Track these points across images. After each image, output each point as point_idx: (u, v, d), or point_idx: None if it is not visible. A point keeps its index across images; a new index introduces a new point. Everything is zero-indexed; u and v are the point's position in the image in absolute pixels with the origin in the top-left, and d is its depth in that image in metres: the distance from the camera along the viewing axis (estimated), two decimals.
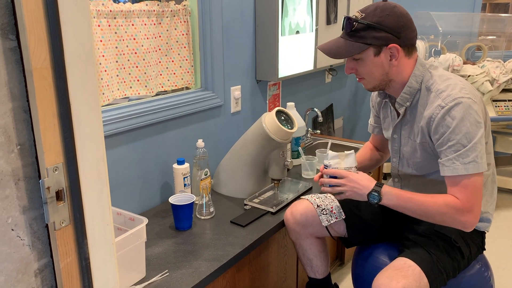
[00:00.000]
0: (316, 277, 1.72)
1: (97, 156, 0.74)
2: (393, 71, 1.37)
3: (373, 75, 1.38)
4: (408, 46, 1.35)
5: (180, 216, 1.63)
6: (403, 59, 1.36)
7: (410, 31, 1.34)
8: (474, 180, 1.27)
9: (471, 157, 1.25)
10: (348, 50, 1.35)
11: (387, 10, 1.31)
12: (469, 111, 1.26)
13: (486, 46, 3.16)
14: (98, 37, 1.57)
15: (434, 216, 1.31)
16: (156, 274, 1.37)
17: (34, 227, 0.69)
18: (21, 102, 0.65)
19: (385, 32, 1.31)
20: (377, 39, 1.31)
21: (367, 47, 1.33)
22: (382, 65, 1.35)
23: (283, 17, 2.20)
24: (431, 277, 1.31)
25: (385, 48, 1.32)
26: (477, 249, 1.47)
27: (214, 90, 2.04)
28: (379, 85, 1.41)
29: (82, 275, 0.75)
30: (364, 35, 1.32)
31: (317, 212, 1.62)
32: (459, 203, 1.27)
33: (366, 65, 1.36)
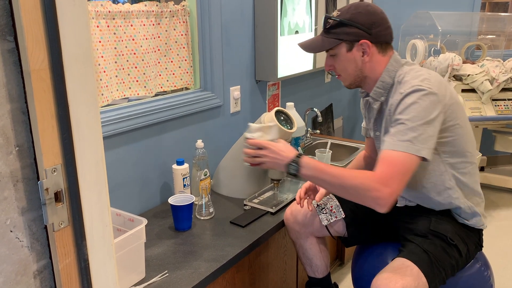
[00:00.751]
0: (316, 277, 1.72)
1: (96, 157, 0.73)
2: (366, 67, 1.40)
3: (348, 71, 1.42)
4: (381, 43, 1.38)
5: (179, 217, 1.63)
6: (376, 55, 1.39)
7: (383, 29, 1.37)
8: (402, 160, 1.22)
9: (408, 136, 1.22)
10: (322, 45, 1.41)
11: (360, 7, 1.36)
12: (423, 98, 1.25)
13: (485, 45, 3.16)
14: (97, 38, 1.57)
15: (348, 189, 1.25)
16: (156, 275, 1.37)
17: (33, 229, 0.69)
18: (20, 104, 0.65)
19: (356, 28, 1.35)
20: (348, 35, 1.37)
21: (339, 42, 1.38)
22: (355, 60, 1.39)
23: (282, 17, 2.20)
24: (429, 276, 1.31)
25: (357, 44, 1.37)
26: (475, 246, 1.47)
27: (214, 90, 2.04)
28: (354, 81, 1.44)
29: (81, 276, 0.75)
30: (337, 31, 1.38)
31: (317, 211, 1.62)
32: (376, 177, 1.21)
33: (340, 61, 1.41)
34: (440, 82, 1.31)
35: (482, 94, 2.81)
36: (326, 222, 1.61)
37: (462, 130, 1.36)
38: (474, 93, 2.85)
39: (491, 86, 2.78)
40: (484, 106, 2.81)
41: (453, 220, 1.45)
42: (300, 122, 2.26)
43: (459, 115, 1.35)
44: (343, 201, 1.64)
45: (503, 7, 4.27)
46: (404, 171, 1.22)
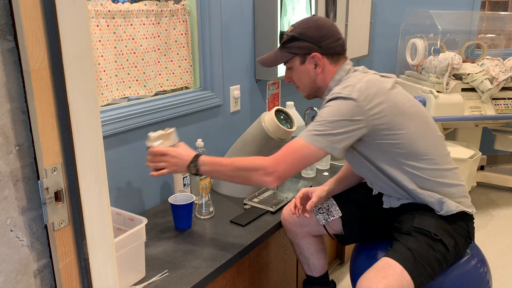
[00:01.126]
0: (313, 275, 1.73)
1: (96, 156, 0.74)
2: (319, 78, 1.48)
3: (303, 83, 1.51)
4: (332, 54, 1.46)
5: (179, 216, 1.63)
6: (328, 67, 1.46)
7: (332, 41, 1.45)
8: (299, 147, 1.32)
9: (311, 128, 1.32)
10: (277, 59, 1.51)
11: (310, 22, 1.45)
12: (338, 102, 1.33)
13: (485, 44, 3.16)
14: (97, 37, 1.56)
15: (240, 171, 1.37)
16: (156, 274, 1.37)
17: (33, 228, 0.69)
18: (19, 103, 0.65)
19: (307, 42, 1.44)
20: (300, 49, 1.46)
21: (292, 56, 1.48)
22: (308, 72, 1.47)
23: (282, 16, 2.20)
24: (414, 273, 1.31)
25: (308, 56, 1.45)
26: (464, 239, 1.45)
27: (213, 89, 2.04)
28: (310, 92, 1.53)
29: (82, 276, 0.76)
30: (290, 46, 1.47)
31: (314, 211, 1.62)
32: (267, 158, 1.34)
33: (296, 73, 1.50)
34: (366, 90, 1.33)
35: (482, 93, 2.81)
36: (323, 222, 1.61)
37: (407, 135, 1.37)
38: (474, 92, 2.85)
39: (491, 85, 2.78)
40: (484, 105, 2.81)
41: (436, 215, 1.44)
42: (300, 121, 2.26)
43: (399, 120, 1.36)
44: (339, 200, 1.64)
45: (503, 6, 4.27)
46: (297, 156, 1.32)
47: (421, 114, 1.42)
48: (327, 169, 2.23)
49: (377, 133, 1.35)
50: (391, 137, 1.36)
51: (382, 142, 1.37)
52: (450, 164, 1.46)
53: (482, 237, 2.73)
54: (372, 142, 1.37)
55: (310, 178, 2.13)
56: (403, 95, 1.41)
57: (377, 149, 1.39)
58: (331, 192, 1.65)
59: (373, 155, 1.41)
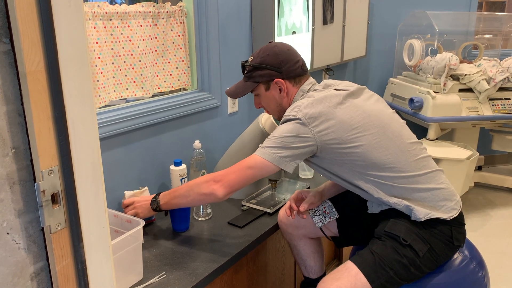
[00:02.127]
0: (310, 277, 1.73)
1: (93, 159, 0.73)
2: (285, 101, 1.53)
3: (271, 107, 1.57)
4: (293, 77, 1.51)
5: (177, 218, 1.62)
6: (292, 89, 1.51)
7: (291, 65, 1.50)
8: (248, 160, 1.38)
9: (264, 144, 1.37)
10: (243, 89, 1.56)
11: (267, 50, 1.50)
12: (286, 123, 1.38)
13: (482, 45, 3.17)
14: (94, 39, 1.56)
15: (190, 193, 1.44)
16: (154, 276, 1.37)
17: (29, 231, 0.69)
18: (16, 105, 0.65)
19: (267, 69, 1.50)
20: (262, 77, 1.51)
21: (256, 85, 1.53)
22: (274, 97, 1.53)
23: (279, 18, 2.20)
24: (371, 276, 1.32)
25: (272, 83, 1.51)
26: (445, 244, 1.42)
27: (211, 91, 2.04)
28: (280, 114, 1.57)
29: (79, 278, 0.75)
30: (253, 75, 1.53)
31: (310, 214, 1.62)
32: (213, 174, 1.41)
33: (263, 99, 1.56)
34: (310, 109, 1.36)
35: (479, 94, 2.82)
36: (320, 224, 1.61)
37: (362, 147, 1.36)
38: (471, 92, 2.86)
39: (488, 85, 2.79)
40: (481, 106, 2.82)
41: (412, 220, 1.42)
42: None
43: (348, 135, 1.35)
44: (336, 201, 1.64)
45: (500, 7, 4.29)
46: (245, 167, 1.38)
47: (377, 125, 1.39)
48: None
49: (329, 148, 1.36)
50: (344, 151, 1.36)
51: (337, 156, 1.38)
52: (422, 169, 1.42)
53: (480, 237, 2.73)
54: (327, 157, 1.39)
55: (308, 179, 2.13)
56: (354, 108, 1.39)
57: (334, 163, 1.40)
58: (326, 194, 1.65)
59: (333, 168, 1.42)
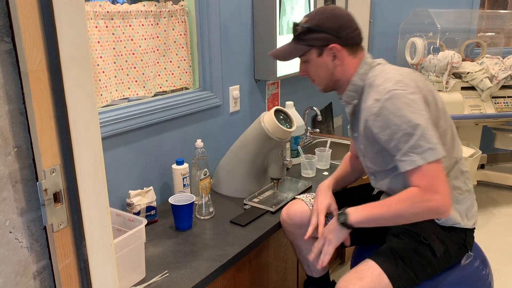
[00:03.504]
0: (313, 276, 1.73)
1: (95, 158, 0.74)
2: (338, 70, 1.42)
3: (320, 76, 1.45)
4: (351, 45, 1.40)
5: (180, 216, 1.63)
6: (347, 58, 1.40)
7: (351, 31, 1.39)
8: (434, 167, 1.23)
9: (425, 146, 1.23)
10: (293, 52, 1.44)
11: (326, 12, 1.39)
12: (404, 101, 1.25)
13: (485, 43, 3.16)
14: (96, 38, 1.57)
15: (404, 212, 1.27)
16: (156, 275, 1.37)
17: (32, 229, 0.69)
18: (18, 105, 0.65)
19: (324, 33, 1.37)
20: (317, 40, 1.38)
21: (309, 49, 1.41)
22: (326, 65, 1.41)
23: (281, 16, 2.20)
24: (393, 277, 1.30)
25: (326, 48, 1.39)
26: (459, 247, 1.43)
27: (213, 90, 2.04)
28: (327, 85, 1.47)
29: (81, 277, 0.76)
30: (306, 38, 1.40)
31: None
32: (421, 190, 1.24)
33: (312, 66, 1.44)
34: (413, 79, 1.31)
35: (481, 92, 2.81)
36: None
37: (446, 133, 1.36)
38: (473, 90, 2.85)
39: (491, 83, 2.78)
40: (483, 104, 2.81)
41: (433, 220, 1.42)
42: (300, 121, 2.26)
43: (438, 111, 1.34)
44: (339, 202, 1.63)
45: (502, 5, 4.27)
46: (439, 173, 1.24)
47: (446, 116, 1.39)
48: (327, 168, 2.23)
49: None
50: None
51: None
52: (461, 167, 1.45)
53: (483, 236, 2.73)
54: None
55: (310, 177, 2.13)
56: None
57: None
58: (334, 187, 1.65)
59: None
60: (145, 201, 1.65)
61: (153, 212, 1.68)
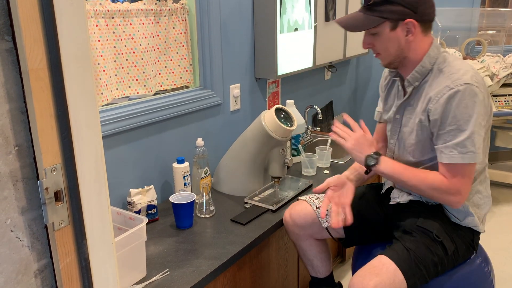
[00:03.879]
0: (318, 276, 1.72)
1: (96, 156, 0.73)
2: (408, 47, 1.36)
3: (389, 51, 1.38)
4: (425, 22, 1.34)
5: (181, 215, 1.63)
6: (419, 35, 1.35)
7: (429, 6, 1.33)
8: (468, 169, 1.31)
9: (469, 147, 1.27)
10: (365, 23, 1.35)
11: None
12: (475, 99, 1.26)
13: (485, 41, 3.15)
14: (96, 37, 1.56)
15: (423, 191, 1.38)
16: (157, 273, 1.37)
17: (33, 228, 0.69)
18: (18, 103, 0.65)
19: (402, 6, 1.30)
20: (393, 13, 1.31)
21: (383, 21, 1.33)
22: (398, 40, 1.35)
23: (282, 15, 2.19)
24: (407, 273, 1.30)
25: (402, 22, 1.32)
26: (466, 247, 1.44)
27: (213, 88, 2.04)
28: (394, 61, 1.41)
29: (82, 275, 0.76)
30: (381, 9, 1.32)
31: (316, 214, 1.61)
32: (446, 185, 1.32)
33: (382, 39, 1.36)
34: (482, 78, 1.33)
35: None
36: (326, 225, 1.60)
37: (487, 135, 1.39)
38: None
39: (492, 81, 2.77)
40: None
41: (443, 217, 1.43)
42: (300, 120, 2.26)
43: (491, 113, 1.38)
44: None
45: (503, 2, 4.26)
46: (470, 177, 1.33)
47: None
48: (327, 167, 2.23)
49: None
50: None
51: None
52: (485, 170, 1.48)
53: (484, 234, 2.72)
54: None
55: (310, 176, 2.12)
56: None
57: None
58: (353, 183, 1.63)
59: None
60: (146, 200, 1.65)
61: (154, 211, 1.69)
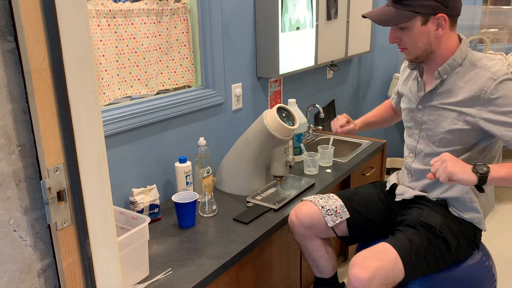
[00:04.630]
0: (323, 277, 1.72)
1: (98, 156, 0.74)
2: (437, 41, 1.36)
3: (417, 45, 1.37)
4: (454, 16, 1.35)
5: (183, 214, 1.63)
6: (447, 30, 1.35)
7: (458, 1, 1.33)
8: None
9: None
10: (396, 18, 1.33)
11: None
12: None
13: (488, 39, 3.14)
14: (98, 36, 1.57)
15: None
16: (160, 273, 1.37)
17: (36, 228, 0.69)
18: (21, 104, 0.65)
19: (434, 0, 1.29)
20: (426, 8, 1.30)
21: (415, 16, 1.32)
22: (428, 34, 1.34)
23: (283, 13, 2.19)
24: (408, 262, 1.32)
25: (433, 17, 1.32)
26: (469, 244, 1.46)
27: (215, 88, 2.04)
28: (421, 55, 1.41)
29: (85, 275, 0.76)
30: (412, 3, 1.31)
31: (322, 213, 1.62)
32: None
33: (411, 34, 1.35)
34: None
35: None
36: (332, 224, 1.61)
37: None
38: None
39: None
40: None
41: (447, 213, 1.45)
42: (302, 119, 2.26)
43: None
44: (347, 202, 1.64)
45: (505, 0, 4.25)
46: None
47: None
48: (329, 165, 2.23)
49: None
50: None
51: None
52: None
53: (487, 233, 2.71)
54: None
55: (312, 175, 2.12)
56: None
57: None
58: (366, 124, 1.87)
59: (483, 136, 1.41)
60: (148, 199, 1.65)
61: (156, 210, 1.69)
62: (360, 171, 2.35)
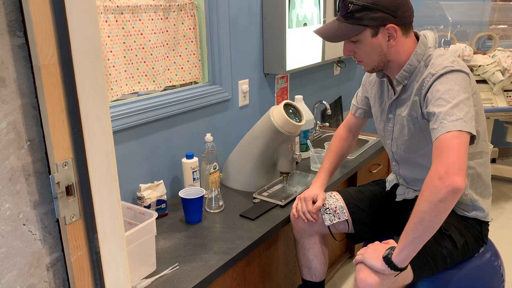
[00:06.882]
0: (313, 280, 1.70)
1: (106, 151, 0.74)
2: (391, 51, 1.35)
3: (371, 57, 1.36)
4: (405, 24, 1.33)
5: (190, 210, 1.64)
6: (401, 38, 1.34)
7: (407, 9, 1.32)
8: (461, 140, 1.16)
9: (457, 115, 1.18)
10: (345, 33, 1.32)
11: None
12: (457, 76, 1.25)
13: (497, 36, 3.11)
14: (106, 32, 1.57)
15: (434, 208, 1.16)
16: (167, 268, 1.38)
17: (45, 222, 0.70)
18: (30, 99, 0.65)
19: (381, 12, 1.28)
20: (373, 20, 1.29)
21: (364, 29, 1.30)
22: (380, 46, 1.33)
23: (291, 10, 2.19)
24: (416, 264, 1.31)
25: (383, 28, 1.30)
26: (475, 240, 1.44)
27: (222, 84, 2.05)
28: (377, 66, 1.40)
29: (93, 269, 0.76)
30: (360, 17, 1.29)
31: (320, 211, 1.61)
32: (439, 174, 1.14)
33: (364, 47, 1.34)
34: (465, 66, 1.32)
35: (493, 85, 2.78)
36: (329, 223, 1.60)
37: (480, 118, 1.36)
38: (485, 84, 2.81)
39: (503, 76, 2.74)
40: (495, 97, 2.78)
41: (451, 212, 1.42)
42: (309, 115, 2.25)
43: (477, 102, 1.35)
44: (348, 201, 1.64)
45: None
46: (465, 150, 1.16)
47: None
48: None
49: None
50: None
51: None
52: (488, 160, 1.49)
53: (494, 230, 2.70)
54: None
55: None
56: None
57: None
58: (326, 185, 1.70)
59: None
60: (156, 195, 1.66)
61: (163, 206, 1.70)
62: (367, 168, 2.35)
